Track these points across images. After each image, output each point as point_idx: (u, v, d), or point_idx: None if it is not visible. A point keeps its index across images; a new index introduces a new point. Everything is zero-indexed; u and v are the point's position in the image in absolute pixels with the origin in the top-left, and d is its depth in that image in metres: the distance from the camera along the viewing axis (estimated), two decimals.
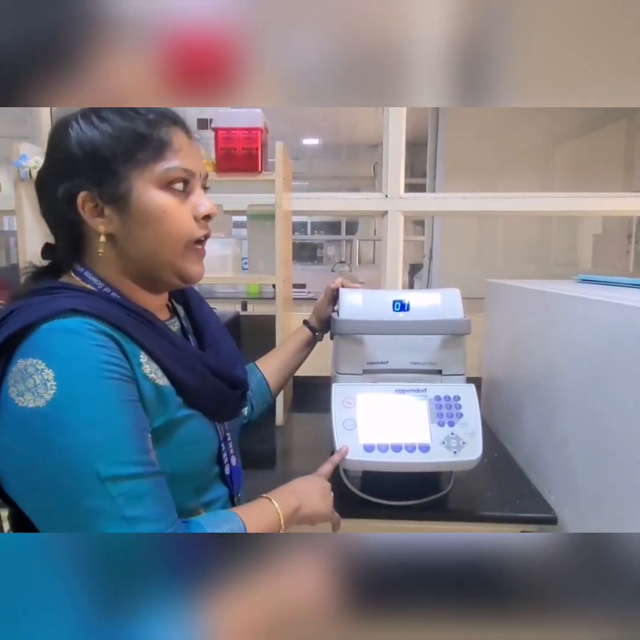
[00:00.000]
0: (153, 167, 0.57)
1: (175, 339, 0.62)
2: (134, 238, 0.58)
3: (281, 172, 1.09)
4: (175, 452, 0.58)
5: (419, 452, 0.75)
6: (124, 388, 0.52)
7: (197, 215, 0.59)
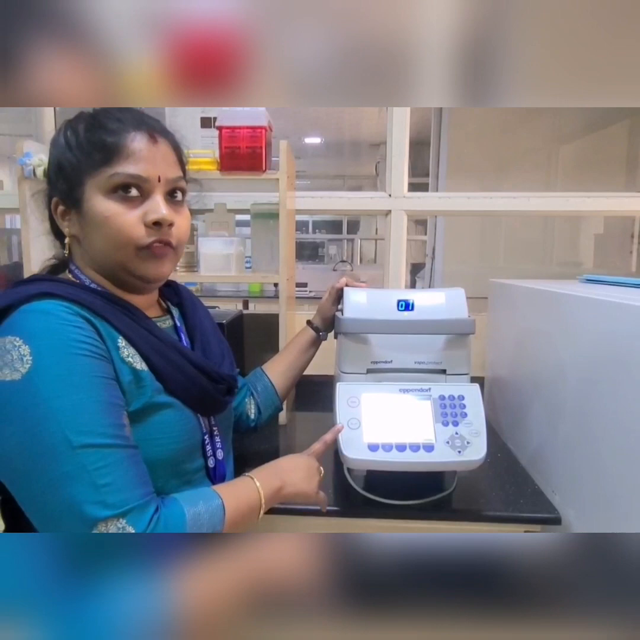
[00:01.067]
0: (101, 173, 0.59)
1: (154, 328, 0.64)
2: (89, 241, 0.62)
3: (285, 170, 1.09)
4: (153, 438, 0.59)
5: (423, 451, 0.75)
6: (98, 365, 0.54)
7: (145, 221, 0.60)
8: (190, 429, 0.65)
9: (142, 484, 0.53)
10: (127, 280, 0.64)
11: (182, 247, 0.66)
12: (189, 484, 0.64)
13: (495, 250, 2.78)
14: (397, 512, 0.81)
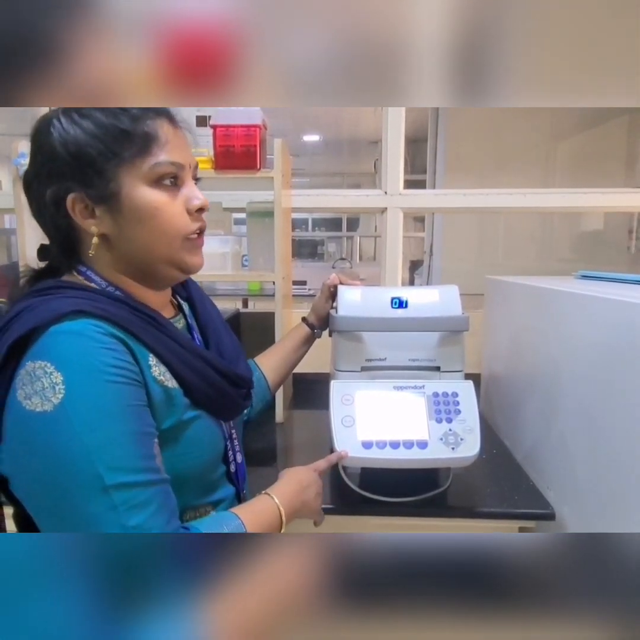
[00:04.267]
0: (140, 164, 0.55)
1: (181, 338, 0.62)
2: (127, 237, 0.57)
3: (280, 169, 1.09)
4: (183, 453, 0.58)
5: (417, 448, 0.75)
6: (132, 392, 0.52)
7: (189, 208, 0.59)
8: (216, 438, 0.64)
9: (169, 521, 0.51)
10: (166, 274, 0.61)
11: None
12: (213, 492, 0.64)
13: (494, 247, 2.78)
14: (392, 509, 0.81)
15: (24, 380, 0.48)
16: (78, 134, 0.54)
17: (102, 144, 0.54)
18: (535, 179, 2.68)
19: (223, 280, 2.94)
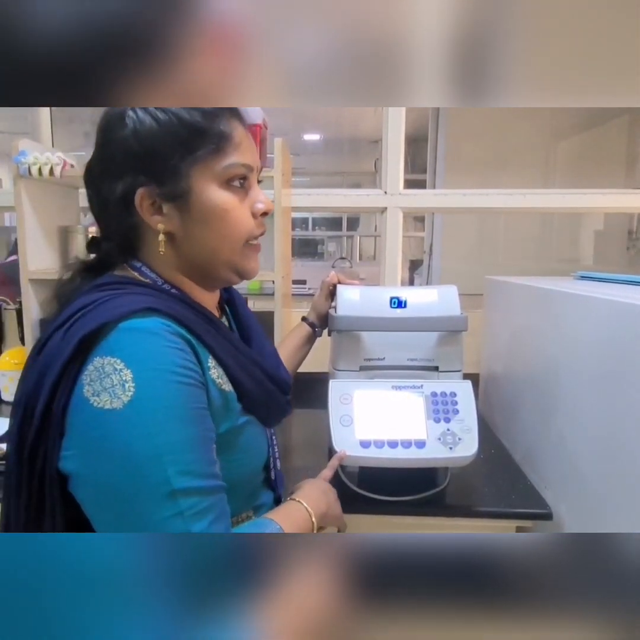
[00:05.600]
0: (214, 164, 0.54)
1: (235, 340, 0.61)
2: (193, 236, 0.56)
3: (280, 168, 1.09)
4: (235, 459, 0.57)
5: (415, 448, 0.75)
6: (197, 395, 0.50)
7: (255, 212, 0.58)
8: (263, 445, 0.63)
9: (227, 528, 0.50)
10: (224, 277, 0.59)
11: None
12: (255, 498, 0.64)
13: (494, 247, 2.78)
14: (390, 508, 0.81)
15: (91, 376, 0.46)
16: (154, 127, 0.52)
17: (178, 140, 0.52)
18: (535, 179, 2.68)
19: None
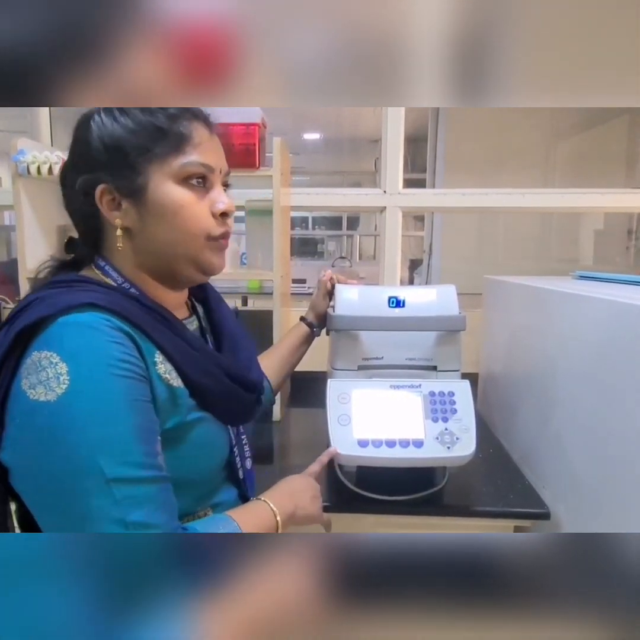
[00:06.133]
0: (171, 162, 0.56)
1: (192, 339, 0.61)
2: (150, 232, 0.58)
3: (279, 167, 1.09)
4: (186, 456, 0.57)
5: (413, 447, 0.75)
6: (137, 387, 0.51)
7: (214, 212, 0.59)
8: (221, 443, 0.64)
9: (170, 519, 0.50)
10: (186, 274, 0.61)
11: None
12: (214, 495, 0.64)
13: (493, 247, 2.78)
14: (388, 508, 0.81)
15: (29, 369, 0.48)
16: (115, 128, 0.55)
17: (136, 139, 0.55)
18: (535, 179, 2.68)
19: (221, 278, 2.93)
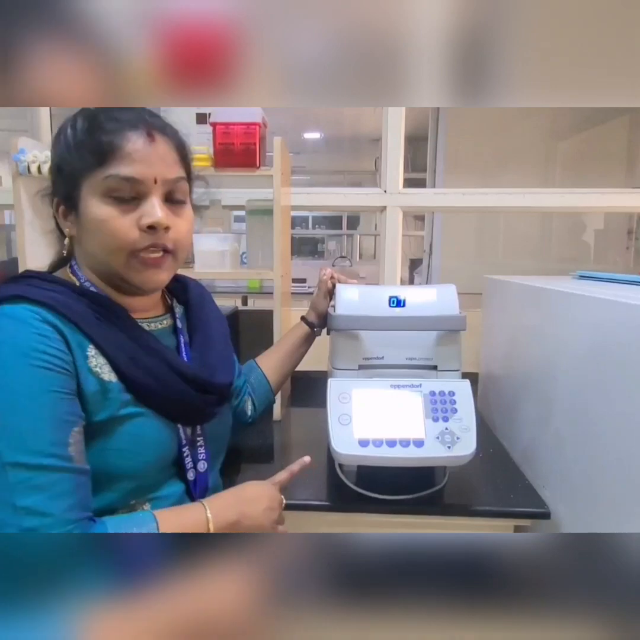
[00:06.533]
0: (97, 175, 0.57)
1: (139, 335, 0.62)
2: (85, 245, 0.61)
3: (279, 167, 1.09)
4: (119, 449, 0.58)
5: (413, 447, 0.75)
6: (55, 379, 0.53)
7: (140, 225, 0.58)
8: (165, 440, 0.63)
9: (67, 510, 0.50)
10: (122, 285, 0.63)
11: (182, 251, 0.63)
12: (153, 491, 0.62)
13: (493, 246, 2.78)
14: (388, 507, 0.81)
15: None
16: (64, 144, 0.60)
17: (72, 155, 0.59)
18: (535, 179, 2.67)
19: (222, 278, 2.94)
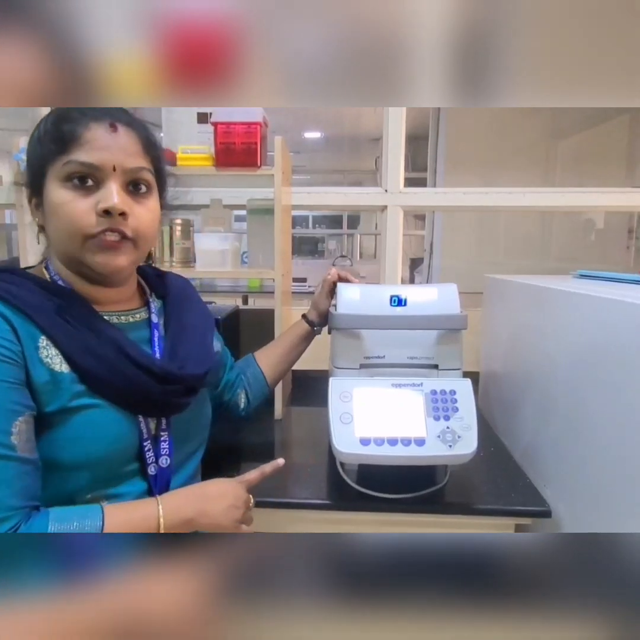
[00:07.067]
0: (58, 162, 0.59)
1: (98, 328, 0.62)
2: (50, 231, 0.62)
3: (280, 167, 1.09)
4: (71, 439, 0.58)
5: (415, 445, 0.76)
6: (1, 368, 0.54)
7: (97, 210, 0.59)
8: (123, 433, 0.62)
9: (11, 496, 0.51)
10: (86, 271, 0.63)
11: (144, 241, 0.63)
12: (114, 485, 0.62)
13: (494, 246, 2.78)
14: (390, 506, 0.81)
15: None
16: (34, 138, 0.62)
17: (39, 146, 0.60)
18: (535, 178, 2.68)
19: (222, 277, 2.94)
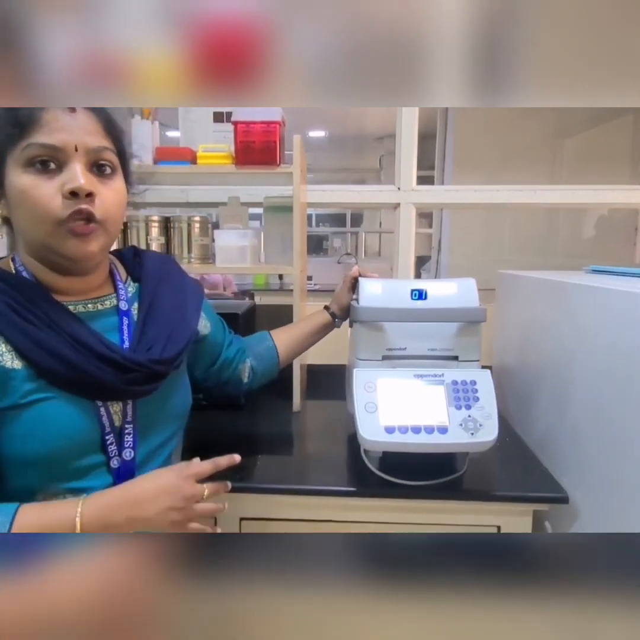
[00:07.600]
0: (17, 147, 0.57)
1: (54, 319, 0.61)
2: (15, 220, 0.61)
3: (299, 164, 1.12)
4: (28, 435, 0.58)
5: (438, 433, 0.78)
6: None
7: (63, 192, 0.57)
8: (81, 425, 0.61)
9: None
10: (55, 260, 0.61)
11: (112, 223, 0.62)
12: (88, 487, 0.61)
13: (500, 243, 2.80)
14: (411, 492, 0.84)
15: None
16: None
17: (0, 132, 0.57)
18: (542, 176, 2.70)
19: (242, 273, 2.96)
